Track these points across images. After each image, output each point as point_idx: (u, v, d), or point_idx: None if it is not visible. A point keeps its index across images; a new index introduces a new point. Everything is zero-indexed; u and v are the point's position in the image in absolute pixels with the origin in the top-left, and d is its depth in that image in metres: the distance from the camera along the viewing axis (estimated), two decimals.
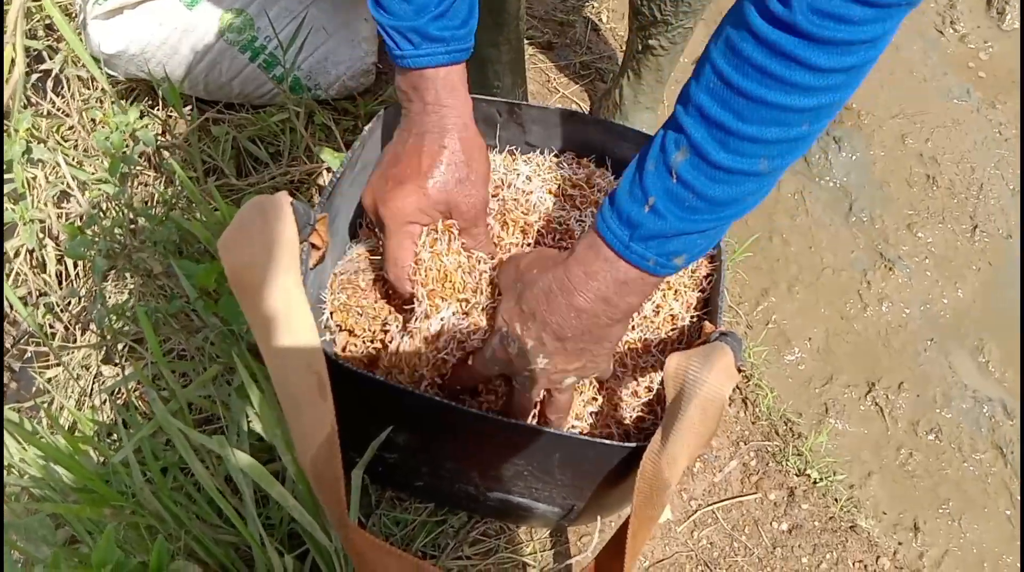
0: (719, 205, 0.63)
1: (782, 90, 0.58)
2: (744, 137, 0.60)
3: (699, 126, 0.61)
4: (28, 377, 1.31)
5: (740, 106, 0.59)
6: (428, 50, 0.76)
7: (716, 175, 0.62)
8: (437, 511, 1.03)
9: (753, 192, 0.64)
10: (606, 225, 0.67)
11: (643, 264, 0.66)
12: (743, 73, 0.58)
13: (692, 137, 0.61)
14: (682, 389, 0.67)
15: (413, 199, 0.81)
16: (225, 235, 0.69)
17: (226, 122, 1.34)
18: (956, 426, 1.28)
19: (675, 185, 0.63)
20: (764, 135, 0.59)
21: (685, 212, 0.63)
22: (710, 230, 0.65)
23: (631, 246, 0.66)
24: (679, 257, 0.66)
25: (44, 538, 0.86)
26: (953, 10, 1.80)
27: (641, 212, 0.64)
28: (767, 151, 0.61)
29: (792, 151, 0.62)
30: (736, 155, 0.61)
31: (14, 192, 1.23)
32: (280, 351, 0.68)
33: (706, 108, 0.60)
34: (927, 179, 1.55)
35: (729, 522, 1.11)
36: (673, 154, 0.63)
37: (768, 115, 0.59)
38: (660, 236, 0.65)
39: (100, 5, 1.20)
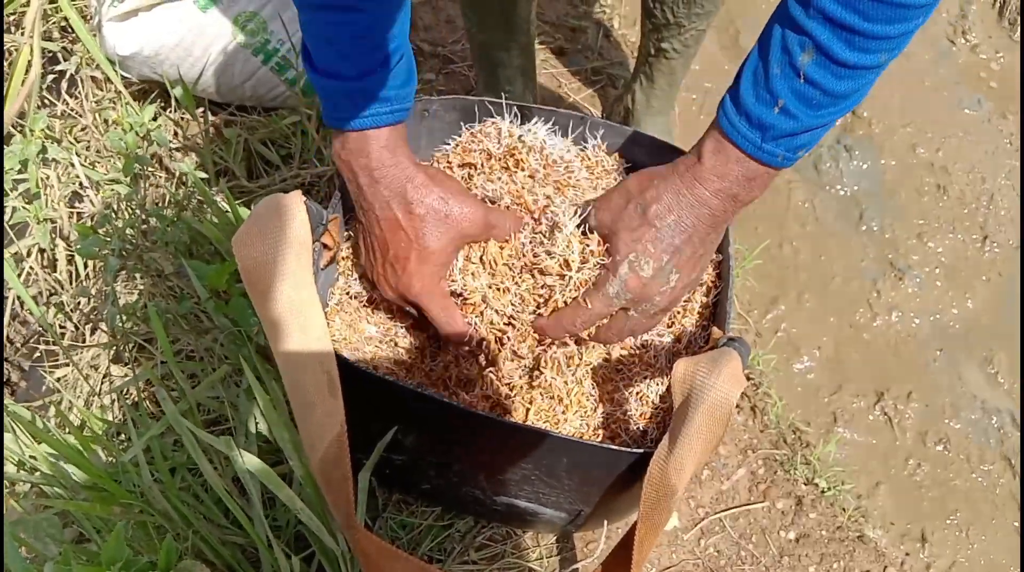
0: (843, 98, 0.66)
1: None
2: (870, 35, 0.62)
3: (824, 27, 0.63)
4: (38, 376, 1.31)
5: (866, 7, 0.61)
6: (372, 111, 0.74)
7: (842, 72, 0.64)
8: (444, 515, 1.03)
9: (870, 82, 0.67)
10: (734, 128, 0.69)
11: (774, 161, 0.70)
12: None
13: (818, 38, 0.64)
14: (690, 394, 0.67)
15: (427, 267, 0.80)
16: (240, 232, 0.69)
17: (238, 124, 1.34)
18: (965, 437, 1.28)
19: (803, 85, 0.66)
20: (888, 32, 0.62)
21: (813, 109, 0.67)
22: (830, 122, 0.69)
23: (763, 147, 0.69)
24: (803, 149, 0.70)
25: (53, 536, 0.86)
26: (965, 20, 1.80)
27: (771, 113, 0.67)
28: (889, 46, 0.63)
29: (904, 43, 0.65)
30: (862, 52, 0.63)
31: (27, 192, 1.24)
32: (292, 349, 0.69)
33: (830, 10, 0.63)
34: (937, 189, 1.54)
35: (736, 530, 1.11)
36: (799, 56, 0.65)
37: (894, 13, 0.61)
38: (791, 134, 0.68)
39: (115, 7, 1.21)
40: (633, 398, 0.82)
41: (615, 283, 0.76)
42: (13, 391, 1.38)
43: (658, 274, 0.74)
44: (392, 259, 0.80)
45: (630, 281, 0.75)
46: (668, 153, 0.92)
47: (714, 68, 1.65)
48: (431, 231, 0.79)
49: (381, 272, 0.81)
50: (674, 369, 0.69)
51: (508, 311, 0.81)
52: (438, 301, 0.81)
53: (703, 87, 1.62)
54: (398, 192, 0.77)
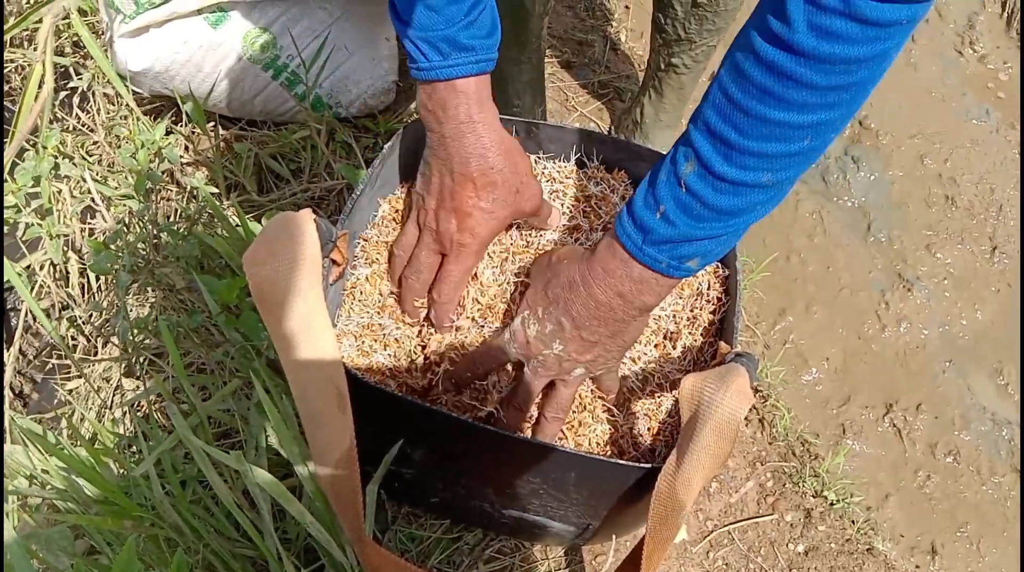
0: (725, 214, 0.66)
1: (780, 107, 0.60)
2: (746, 151, 0.62)
3: (705, 140, 0.64)
4: (50, 389, 1.32)
5: (742, 122, 0.62)
6: (457, 60, 0.76)
7: (721, 186, 0.65)
8: (452, 528, 1.03)
9: (760, 202, 0.66)
10: (622, 228, 0.70)
11: (656, 266, 0.70)
12: (745, 91, 0.61)
13: (699, 150, 0.64)
14: (697, 410, 0.67)
15: (485, 228, 0.82)
16: (250, 250, 0.70)
17: (248, 139, 1.36)
18: (975, 449, 1.28)
19: (684, 194, 0.66)
20: (765, 150, 0.62)
21: (693, 219, 0.67)
22: (721, 236, 0.68)
23: (644, 249, 0.69)
24: (691, 260, 0.70)
25: (65, 549, 0.87)
26: (972, 31, 1.80)
27: (653, 218, 0.68)
28: (769, 165, 0.63)
29: (796, 165, 0.64)
30: (739, 168, 0.63)
31: (40, 207, 1.25)
32: (301, 365, 0.69)
33: (712, 123, 0.63)
34: (946, 200, 1.54)
35: (745, 543, 1.10)
36: (683, 166, 0.66)
37: (768, 131, 0.61)
38: (671, 241, 0.68)
39: (127, 24, 1.23)
40: (641, 413, 0.82)
41: (507, 332, 0.79)
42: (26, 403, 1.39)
43: (540, 337, 0.76)
44: (452, 208, 0.82)
45: (518, 334, 0.78)
46: None
47: None
48: (500, 200, 0.82)
49: (433, 215, 0.83)
50: (681, 385, 0.69)
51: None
52: (471, 259, 0.84)
53: None
54: (480, 152, 0.79)
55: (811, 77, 0.58)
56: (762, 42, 0.59)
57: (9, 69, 1.49)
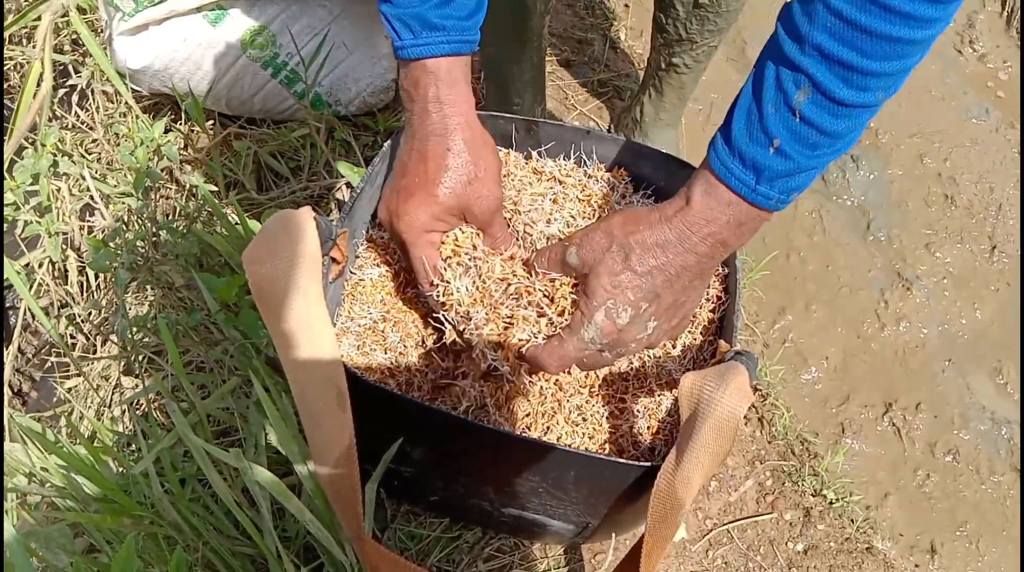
0: (839, 138, 0.65)
1: (905, 24, 0.59)
2: (868, 72, 0.61)
3: (820, 65, 0.62)
4: (49, 387, 1.32)
5: (864, 43, 0.60)
6: (428, 39, 0.74)
7: (840, 111, 0.63)
8: (452, 526, 1.03)
9: (866, 122, 0.65)
10: (727, 169, 0.67)
11: (768, 203, 0.68)
12: (865, 11, 0.59)
13: (814, 76, 0.62)
14: (696, 409, 0.67)
15: (424, 210, 0.79)
16: (250, 248, 0.70)
17: (248, 137, 1.35)
18: (974, 448, 1.28)
19: (799, 124, 0.64)
20: (886, 68, 0.61)
21: (809, 149, 0.65)
22: (827, 163, 0.67)
23: (758, 188, 0.67)
24: (797, 191, 0.68)
25: (64, 547, 0.87)
26: (972, 30, 1.80)
27: (766, 154, 0.65)
28: (886, 83, 0.62)
29: (902, 81, 0.64)
30: (859, 90, 0.62)
31: (39, 205, 1.25)
32: (301, 363, 0.69)
33: (826, 47, 0.61)
34: (945, 199, 1.54)
35: (744, 542, 1.10)
36: (794, 94, 0.64)
37: (892, 50, 0.60)
38: (787, 175, 0.66)
39: (126, 21, 1.23)
40: (640, 412, 0.82)
41: (590, 328, 0.74)
42: (25, 401, 1.39)
43: (635, 321, 0.73)
44: (402, 187, 0.79)
45: (606, 328, 0.73)
46: (675, 166, 0.93)
47: (721, 79, 1.65)
48: (448, 185, 0.78)
49: (388, 194, 0.81)
50: (681, 383, 0.69)
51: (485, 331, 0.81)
52: (420, 246, 0.80)
53: (709, 98, 1.62)
54: (440, 133, 0.77)
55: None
56: None
57: (8, 67, 1.49)
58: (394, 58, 1.38)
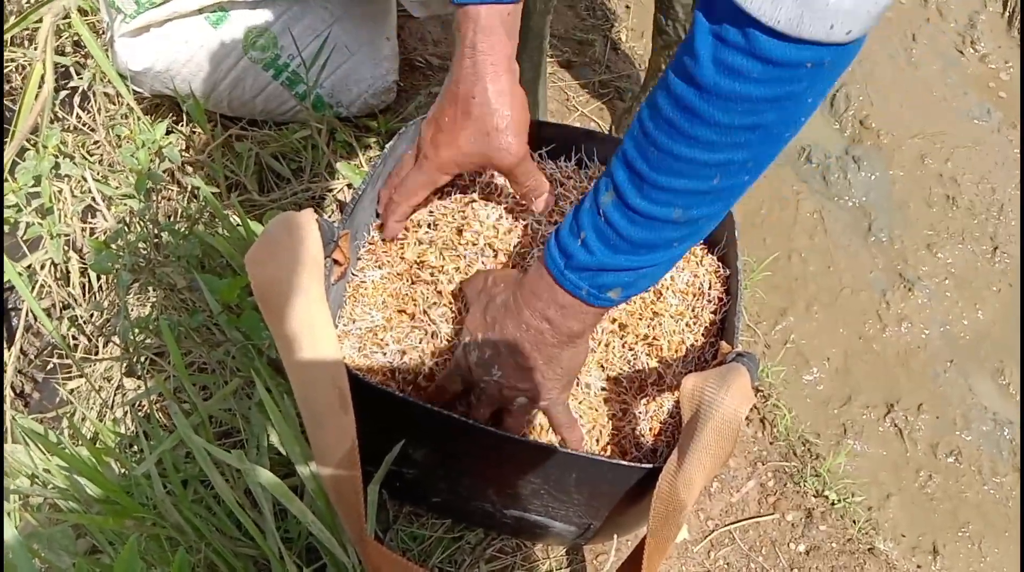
0: (641, 246, 0.66)
1: (686, 143, 0.60)
2: (655, 185, 0.62)
3: (622, 170, 0.64)
4: (51, 388, 1.32)
5: (652, 155, 0.62)
6: None
7: (635, 218, 0.65)
8: (454, 527, 1.03)
9: (675, 239, 0.66)
10: (549, 252, 0.71)
11: (577, 292, 0.70)
12: (656, 124, 0.61)
13: (616, 180, 0.65)
14: (698, 410, 0.67)
15: (446, 150, 0.82)
16: (252, 250, 0.70)
17: (249, 138, 1.36)
18: (976, 449, 1.27)
19: (602, 223, 0.66)
20: (673, 185, 0.62)
21: (610, 249, 0.67)
22: (640, 269, 0.68)
23: (566, 274, 0.70)
24: (612, 290, 0.69)
25: (66, 548, 0.87)
26: (973, 30, 1.80)
27: (575, 244, 0.68)
28: (678, 200, 0.63)
29: (706, 203, 0.64)
30: (650, 202, 0.63)
31: (41, 207, 1.25)
32: (303, 365, 0.69)
33: (628, 154, 0.64)
34: (947, 199, 1.54)
35: (746, 543, 1.10)
36: (603, 194, 0.66)
37: (675, 166, 0.61)
38: (589, 268, 0.68)
39: (127, 23, 1.23)
40: (642, 413, 0.82)
41: (453, 361, 0.80)
42: (27, 402, 1.39)
43: (480, 364, 0.76)
44: (432, 120, 0.83)
45: (461, 361, 0.78)
46: None
47: None
48: (471, 132, 0.81)
49: (424, 123, 0.85)
50: (683, 385, 0.69)
51: None
52: (421, 181, 0.85)
53: None
54: (470, 78, 0.79)
55: (714, 114, 0.57)
56: (673, 76, 0.59)
57: (10, 68, 1.49)
58: (397, 60, 1.39)
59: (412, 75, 1.52)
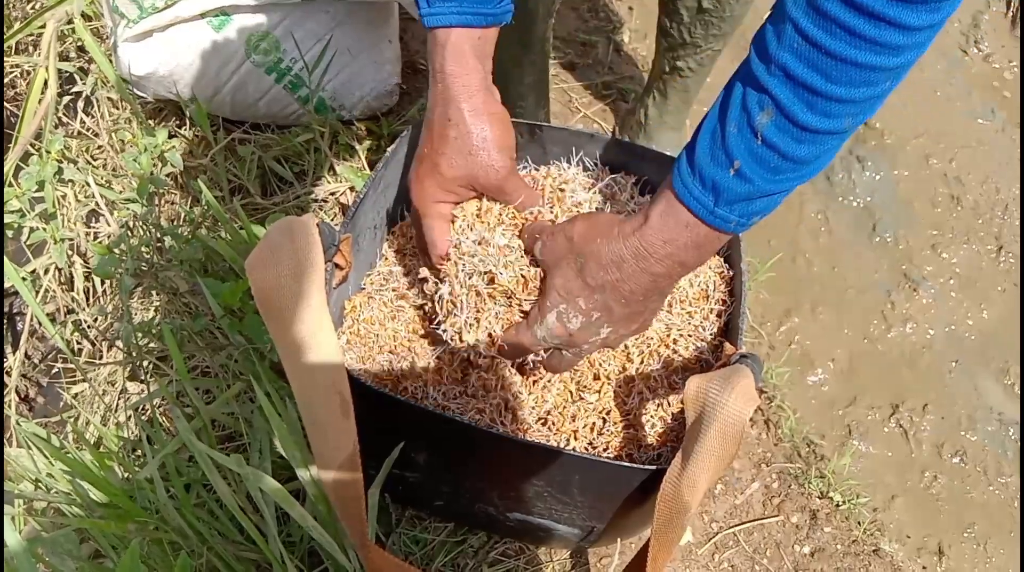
0: (802, 164, 0.63)
1: (872, 50, 0.57)
2: (833, 98, 0.59)
3: (785, 87, 0.60)
4: (55, 392, 1.32)
5: (829, 67, 0.58)
6: (438, 9, 0.75)
7: (803, 136, 0.61)
8: (457, 531, 1.03)
9: (833, 148, 0.63)
10: (687, 190, 0.66)
11: (726, 226, 0.66)
12: (831, 33, 0.57)
13: (778, 98, 0.60)
14: (702, 412, 0.67)
15: (431, 181, 0.80)
16: (253, 255, 0.70)
17: (252, 142, 1.36)
18: (981, 449, 1.27)
19: (760, 147, 0.62)
20: (852, 95, 0.59)
21: (770, 173, 0.63)
22: (790, 189, 0.65)
23: (716, 211, 0.65)
24: (758, 215, 0.66)
25: (70, 552, 0.87)
26: (977, 30, 1.79)
27: (726, 176, 0.64)
28: (853, 110, 0.60)
29: (872, 108, 0.61)
30: (824, 116, 0.60)
31: (45, 212, 1.25)
32: (305, 370, 0.69)
33: (792, 69, 0.59)
34: (951, 199, 1.54)
35: (751, 545, 1.10)
36: (757, 115, 0.62)
37: (858, 76, 0.58)
38: (746, 198, 0.64)
39: (130, 28, 1.23)
40: (646, 415, 0.82)
41: (542, 328, 0.75)
42: (31, 407, 1.39)
43: (586, 327, 0.73)
44: (417, 154, 0.81)
45: (556, 329, 0.74)
46: None
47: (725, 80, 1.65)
48: (450, 156, 0.78)
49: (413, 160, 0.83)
50: (686, 386, 0.69)
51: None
52: (430, 214, 0.82)
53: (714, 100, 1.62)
54: (444, 103, 0.77)
55: (906, 17, 0.55)
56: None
57: (14, 74, 1.49)
58: (399, 63, 1.39)
59: (414, 78, 1.52)
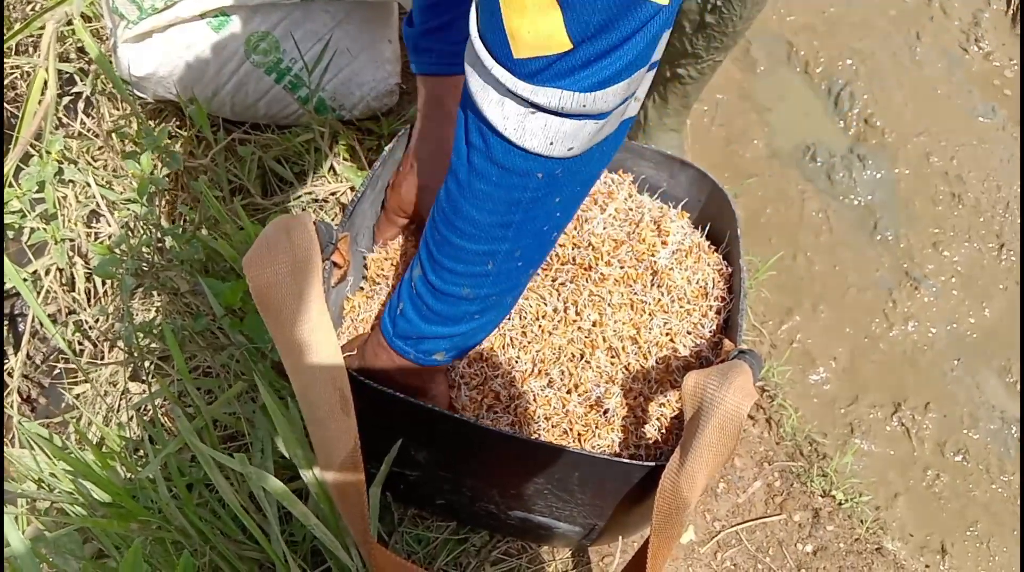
0: (447, 318, 0.70)
1: (454, 232, 0.63)
2: (442, 266, 0.66)
3: (424, 247, 0.68)
4: (57, 393, 1.33)
5: (437, 238, 0.66)
6: (421, 59, 0.87)
7: (435, 294, 0.68)
8: (459, 529, 1.03)
9: (475, 312, 0.70)
10: (382, 319, 0.76)
11: (407, 355, 0.74)
12: (438, 210, 0.65)
13: (421, 256, 0.69)
14: (700, 407, 0.67)
15: (394, 200, 0.94)
16: (250, 254, 0.70)
17: (252, 142, 1.36)
18: (984, 447, 1.27)
19: (414, 295, 0.71)
20: (455, 267, 0.66)
21: (423, 320, 0.71)
22: (454, 336, 0.72)
23: (394, 340, 0.74)
24: (436, 353, 0.74)
25: (72, 552, 0.87)
26: (977, 28, 1.79)
27: (396, 314, 0.73)
28: (463, 281, 0.67)
29: (490, 283, 0.67)
30: (442, 280, 0.67)
31: (45, 213, 1.25)
32: (304, 368, 0.69)
33: (426, 235, 0.68)
34: (952, 197, 1.54)
35: (753, 543, 1.10)
36: (415, 269, 0.70)
37: (451, 251, 0.65)
38: (410, 336, 0.73)
39: (130, 29, 1.23)
40: (645, 412, 0.82)
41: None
42: (34, 408, 1.39)
43: None
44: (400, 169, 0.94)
45: None
46: (676, 167, 0.93)
47: (726, 79, 1.65)
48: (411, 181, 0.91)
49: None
50: (684, 382, 0.69)
51: None
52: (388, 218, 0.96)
53: (714, 99, 1.62)
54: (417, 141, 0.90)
55: (468, 209, 0.61)
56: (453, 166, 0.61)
57: (14, 75, 1.50)
58: (399, 63, 1.39)
59: (414, 78, 1.51)
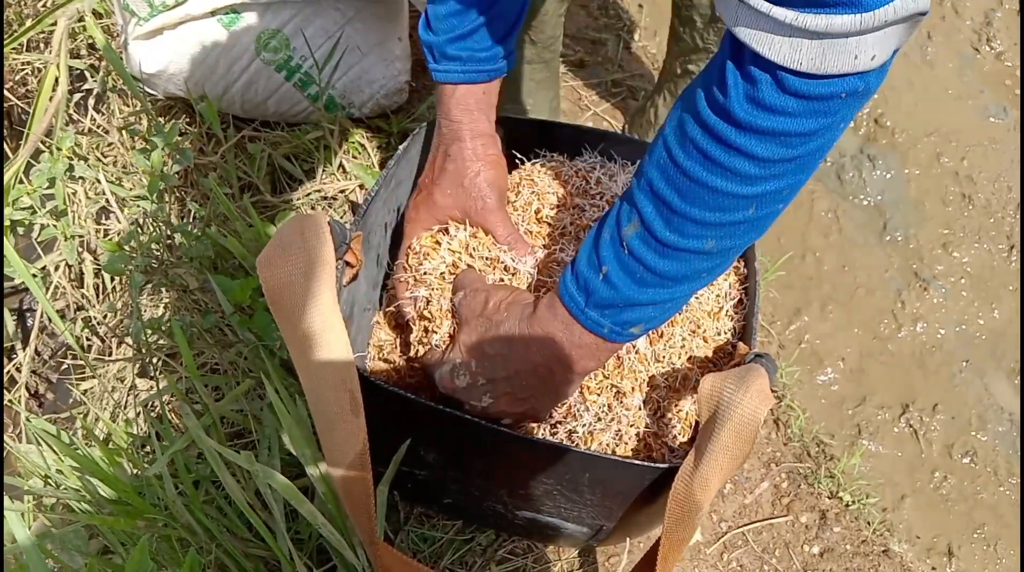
0: (669, 279, 0.63)
1: (723, 176, 0.57)
2: (687, 217, 0.59)
3: (648, 201, 0.61)
4: (65, 389, 1.33)
5: (684, 186, 0.58)
6: (445, 67, 0.82)
7: (664, 251, 0.61)
8: (465, 528, 1.03)
9: (706, 270, 0.63)
10: (565, 288, 0.67)
11: (598, 330, 0.67)
12: (688, 154, 0.58)
13: (642, 211, 0.61)
14: (716, 411, 0.66)
15: (424, 208, 0.87)
16: (264, 253, 0.70)
17: (262, 140, 1.36)
18: (992, 449, 1.26)
19: (626, 256, 0.63)
20: (706, 218, 0.59)
21: (636, 284, 0.63)
22: (665, 302, 0.65)
23: (586, 312, 0.66)
24: (635, 326, 0.66)
25: (79, 548, 0.87)
26: (989, 27, 1.78)
27: (596, 279, 0.65)
28: (712, 232, 0.60)
29: (741, 233, 0.61)
30: (680, 234, 0.60)
31: (55, 209, 1.25)
32: (315, 368, 0.69)
33: (655, 183, 0.60)
34: (963, 198, 1.53)
35: (760, 544, 1.10)
36: (625, 225, 0.63)
37: (710, 199, 0.58)
38: (613, 305, 0.65)
39: (141, 26, 1.23)
40: (658, 414, 0.82)
41: (438, 373, 0.78)
42: (41, 403, 1.40)
43: (470, 389, 0.75)
44: (418, 183, 0.89)
45: (445, 381, 0.76)
46: None
47: None
48: (444, 186, 0.85)
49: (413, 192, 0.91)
50: (701, 385, 0.69)
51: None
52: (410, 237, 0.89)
53: None
54: (447, 144, 0.84)
55: (752, 148, 0.55)
56: (705, 106, 0.56)
57: (25, 71, 1.50)
58: (409, 61, 1.39)
59: (424, 75, 1.52)
